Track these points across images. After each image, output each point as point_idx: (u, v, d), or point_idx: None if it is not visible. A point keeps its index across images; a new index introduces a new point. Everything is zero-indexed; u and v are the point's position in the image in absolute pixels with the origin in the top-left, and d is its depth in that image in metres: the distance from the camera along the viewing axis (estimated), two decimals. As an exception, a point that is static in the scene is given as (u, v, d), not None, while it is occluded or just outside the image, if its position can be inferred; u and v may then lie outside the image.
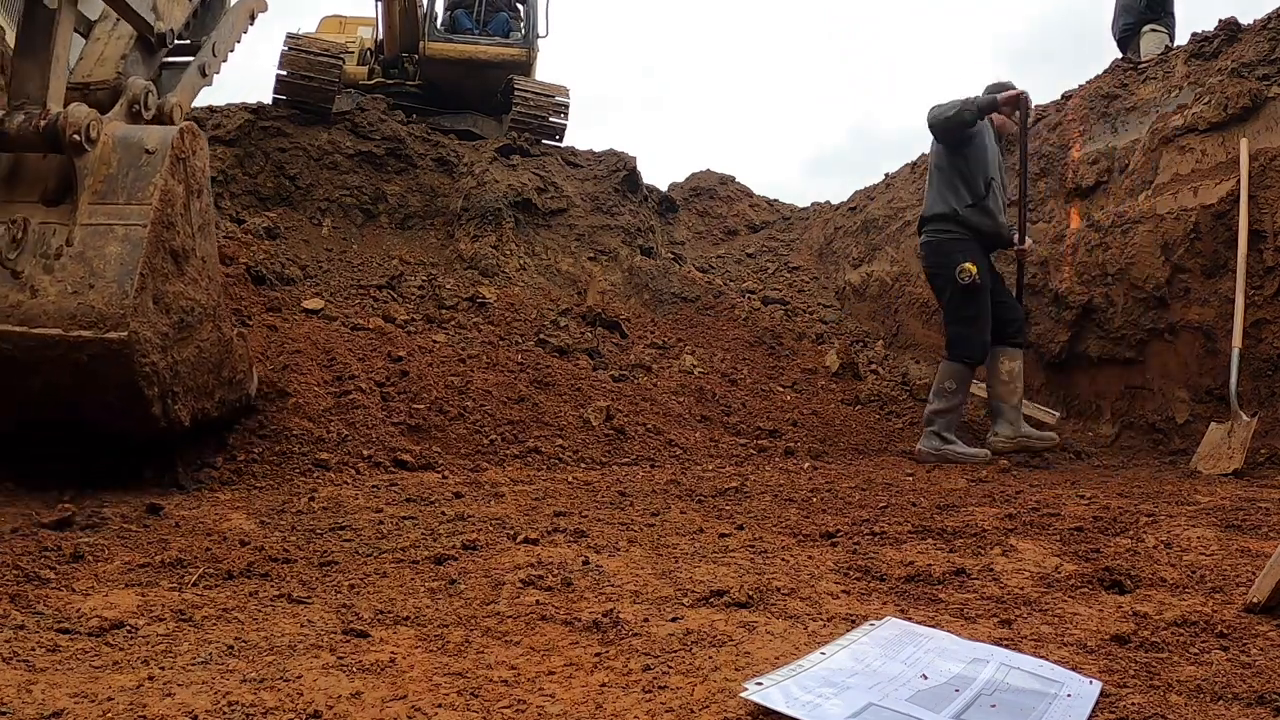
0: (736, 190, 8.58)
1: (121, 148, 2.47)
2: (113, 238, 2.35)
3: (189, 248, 2.59)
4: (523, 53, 7.63)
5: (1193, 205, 4.20)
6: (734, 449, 4.17)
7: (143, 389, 2.36)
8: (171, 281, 2.50)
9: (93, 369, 2.30)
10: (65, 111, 2.35)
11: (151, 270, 2.39)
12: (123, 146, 2.47)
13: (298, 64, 6.38)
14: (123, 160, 2.44)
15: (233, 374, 2.87)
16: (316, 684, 1.24)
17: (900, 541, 2.26)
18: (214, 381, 2.77)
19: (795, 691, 1.20)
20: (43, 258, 2.32)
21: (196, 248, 2.64)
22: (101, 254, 2.33)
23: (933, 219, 4.42)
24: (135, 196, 2.40)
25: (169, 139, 2.51)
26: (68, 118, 2.34)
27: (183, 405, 2.57)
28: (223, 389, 2.82)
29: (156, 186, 2.42)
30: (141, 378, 2.35)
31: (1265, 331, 3.88)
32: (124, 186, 2.42)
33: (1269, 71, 4.10)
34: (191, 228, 2.61)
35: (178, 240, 2.52)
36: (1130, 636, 1.49)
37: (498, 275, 5.98)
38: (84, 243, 2.34)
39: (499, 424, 3.82)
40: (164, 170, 2.44)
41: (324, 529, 2.29)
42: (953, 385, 4.28)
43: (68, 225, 2.36)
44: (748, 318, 6.17)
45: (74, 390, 2.35)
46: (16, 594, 1.60)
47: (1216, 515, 2.48)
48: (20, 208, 2.39)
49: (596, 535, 2.29)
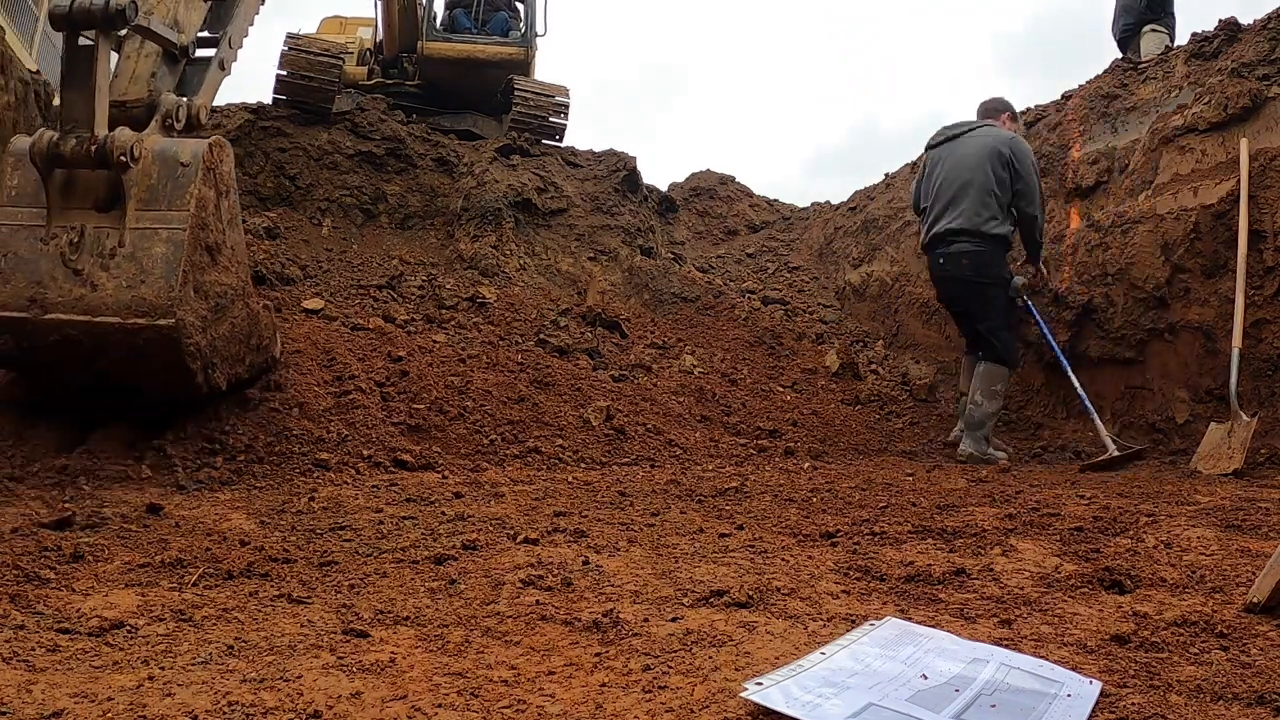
0: (736, 190, 8.58)
1: (160, 161, 2.84)
2: (158, 240, 2.76)
3: (221, 241, 3.00)
4: (521, 51, 7.62)
5: (1193, 205, 4.20)
6: (734, 449, 4.17)
7: (188, 364, 2.80)
8: (208, 272, 2.92)
9: (147, 350, 2.74)
10: (112, 136, 2.73)
11: (191, 265, 2.79)
12: (161, 160, 2.84)
13: (298, 64, 6.37)
14: (162, 172, 2.83)
15: (259, 340, 3.31)
16: (316, 684, 1.24)
17: (900, 541, 2.26)
18: (244, 349, 3.19)
19: (795, 691, 1.20)
20: (99, 257, 2.72)
21: (227, 240, 3.04)
22: (149, 254, 2.74)
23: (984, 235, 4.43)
24: (175, 204, 2.81)
25: (200, 152, 2.90)
26: (114, 141, 2.72)
27: (220, 373, 3.01)
28: (252, 354, 3.25)
29: (192, 195, 2.81)
30: (187, 355, 2.78)
31: (1265, 331, 3.88)
32: (165, 195, 2.81)
33: (1269, 71, 4.10)
34: (222, 223, 3.02)
35: (211, 237, 2.93)
36: (1130, 636, 1.49)
37: (498, 275, 5.98)
38: (134, 244, 2.74)
39: (499, 424, 3.82)
40: (198, 180, 2.84)
41: (324, 529, 2.29)
42: (1001, 388, 4.43)
43: (119, 229, 2.75)
44: (748, 318, 6.18)
45: (132, 366, 2.80)
46: (16, 594, 1.60)
47: (1216, 515, 2.48)
48: (76, 215, 2.77)
49: (596, 535, 2.29)
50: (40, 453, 2.91)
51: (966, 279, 4.51)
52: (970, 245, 4.44)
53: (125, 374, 2.84)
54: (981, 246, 4.43)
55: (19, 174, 2.79)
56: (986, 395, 4.37)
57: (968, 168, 4.47)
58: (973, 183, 4.43)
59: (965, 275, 4.49)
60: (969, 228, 4.43)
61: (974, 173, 4.44)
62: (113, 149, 2.70)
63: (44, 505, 2.41)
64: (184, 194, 2.81)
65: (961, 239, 4.47)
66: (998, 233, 4.43)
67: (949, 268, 4.53)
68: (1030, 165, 4.46)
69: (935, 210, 4.60)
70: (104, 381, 2.89)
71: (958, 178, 4.49)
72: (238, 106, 6.61)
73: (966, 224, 4.44)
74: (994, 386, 4.39)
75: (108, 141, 2.71)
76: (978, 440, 4.32)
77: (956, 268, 4.50)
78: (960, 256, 4.47)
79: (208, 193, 2.90)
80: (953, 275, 4.54)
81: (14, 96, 4.76)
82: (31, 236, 2.73)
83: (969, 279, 4.50)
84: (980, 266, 4.44)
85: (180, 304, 2.72)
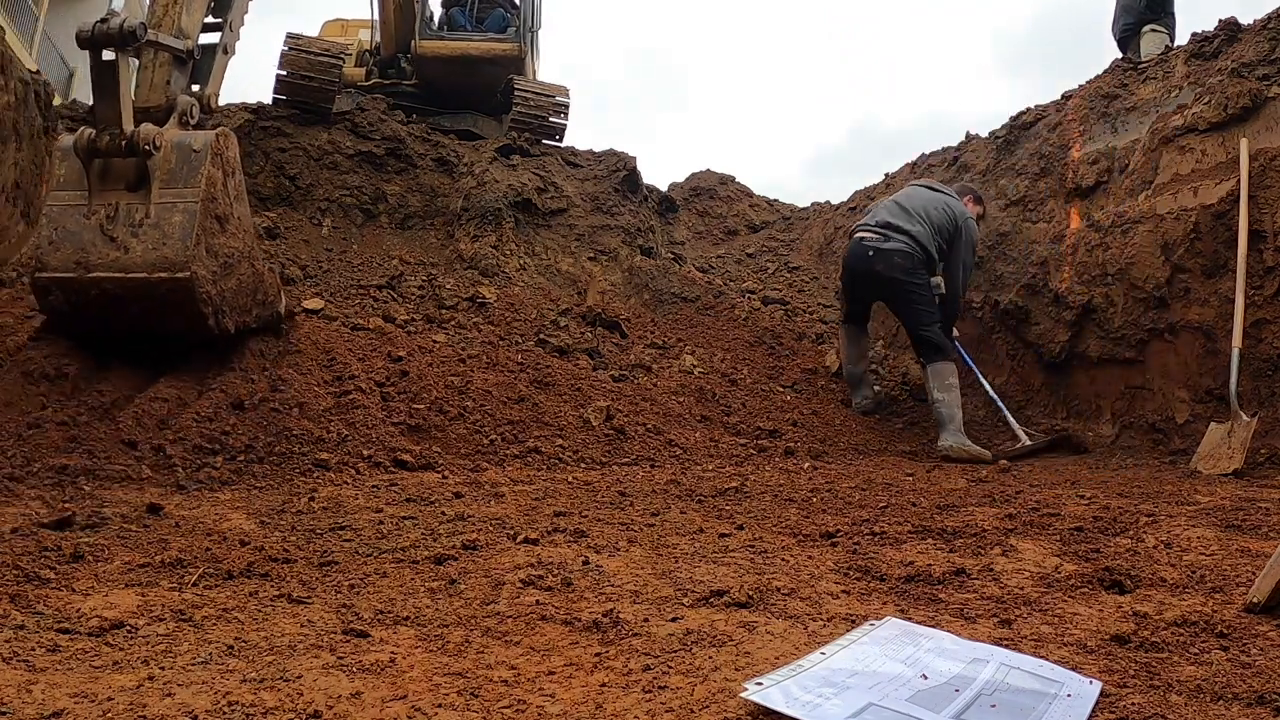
0: (736, 190, 8.58)
1: (177, 149, 3.44)
2: (176, 211, 3.36)
3: (228, 213, 3.57)
4: (514, 47, 7.61)
5: (1193, 205, 4.20)
6: (734, 449, 4.17)
7: (201, 309, 3.37)
8: (217, 237, 3.49)
9: (169, 298, 3.32)
10: (138, 130, 3.34)
11: (203, 230, 3.37)
12: (178, 148, 3.44)
13: (298, 64, 6.37)
14: (179, 157, 3.43)
15: (264, 297, 3.82)
16: (316, 684, 1.24)
17: (900, 541, 2.26)
18: (251, 303, 3.71)
19: (795, 691, 1.20)
20: (130, 226, 3.33)
21: (234, 212, 3.62)
22: (170, 222, 3.34)
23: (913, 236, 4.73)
24: (189, 182, 3.40)
25: (209, 141, 3.47)
26: (140, 134, 3.32)
27: (229, 320, 3.55)
28: (258, 308, 3.78)
29: (203, 175, 3.40)
30: (200, 302, 3.35)
31: (1265, 331, 3.88)
32: (181, 176, 3.41)
33: (1269, 71, 4.10)
34: (229, 198, 3.59)
35: (220, 209, 3.50)
36: (1130, 636, 1.49)
37: (498, 275, 5.98)
38: (157, 215, 3.35)
39: (499, 424, 3.82)
40: (208, 163, 3.42)
41: (324, 529, 2.29)
42: (954, 380, 4.59)
43: (145, 204, 3.36)
44: (748, 318, 6.17)
45: (157, 312, 3.37)
46: (16, 594, 1.60)
47: (1216, 515, 2.48)
48: (111, 194, 3.38)
49: (596, 535, 2.29)
50: (40, 453, 2.91)
51: (894, 278, 4.73)
52: (907, 247, 4.70)
53: (152, 320, 3.41)
54: (915, 251, 4.71)
55: (65, 165, 3.43)
56: (944, 390, 4.53)
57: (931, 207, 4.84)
58: (929, 219, 4.79)
59: (894, 275, 4.72)
60: (913, 233, 4.72)
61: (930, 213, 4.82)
62: (139, 141, 3.32)
63: (44, 505, 2.41)
64: (197, 174, 3.40)
65: (902, 239, 4.72)
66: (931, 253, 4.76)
67: (878, 262, 4.75)
68: (967, 247, 4.86)
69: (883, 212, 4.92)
70: (135, 327, 3.44)
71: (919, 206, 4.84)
72: (238, 106, 6.61)
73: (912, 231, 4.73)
74: (946, 380, 4.57)
75: (135, 135, 3.31)
76: (954, 433, 4.39)
77: (887, 264, 4.72)
78: (894, 254, 4.70)
79: (216, 173, 3.48)
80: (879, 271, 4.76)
81: (14, 96, 4.76)
82: (76, 214, 3.37)
83: (897, 278, 4.72)
84: (911, 269, 4.69)
85: (194, 260, 3.31)
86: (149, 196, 3.36)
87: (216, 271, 3.45)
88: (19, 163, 4.89)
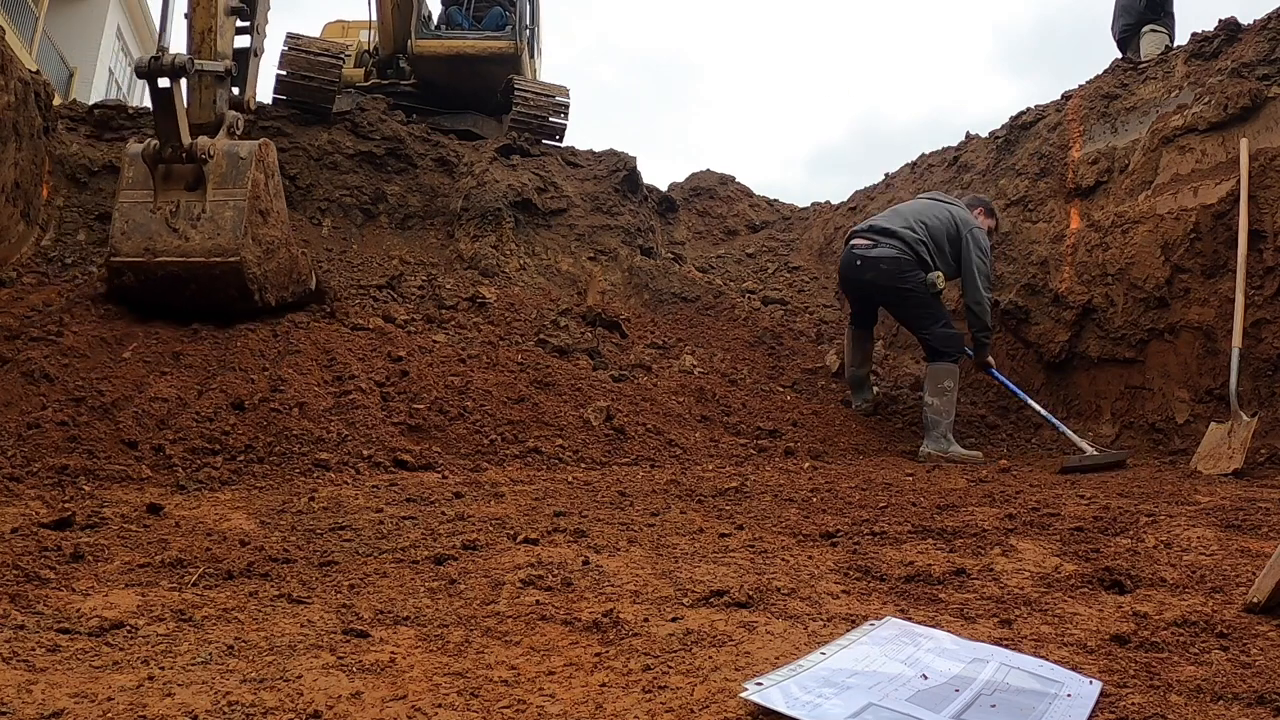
0: (736, 190, 8.58)
1: (227, 157, 4.17)
2: (228, 207, 4.08)
3: (269, 207, 4.31)
4: (510, 45, 7.60)
5: (1193, 205, 4.21)
6: (734, 449, 4.17)
7: (249, 287, 4.10)
8: (261, 228, 4.20)
9: (223, 278, 4.05)
10: (195, 142, 4.04)
11: (250, 223, 4.09)
12: (228, 156, 4.18)
13: (298, 64, 6.38)
14: (228, 164, 4.15)
15: (300, 275, 4.58)
16: (316, 684, 1.24)
17: (900, 541, 2.26)
18: (288, 280, 4.46)
19: (795, 691, 1.20)
20: (189, 220, 4.06)
21: (274, 207, 4.38)
22: (222, 216, 4.07)
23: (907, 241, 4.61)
24: (238, 184, 4.12)
25: (253, 150, 4.22)
26: (197, 145, 4.03)
27: (271, 295, 4.28)
28: (294, 285, 4.53)
29: (249, 178, 4.13)
30: (248, 280, 4.09)
31: (1265, 331, 3.88)
32: (231, 179, 4.13)
33: (1269, 71, 4.10)
34: (270, 196, 4.33)
35: (262, 205, 4.23)
36: (1130, 636, 1.49)
37: (498, 275, 5.98)
38: (212, 211, 4.07)
39: (499, 424, 3.82)
40: (253, 168, 4.17)
41: (324, 529, 2.29)
42: (950, 384, 4.46)
43: (202, 201, 4.08)
44: (748, 318, 6.17)
45: (212, 290, 4.08)
46: (16, 594, 1.60)
47: (1216, 515, 2.48)
48: (174, 194, 4.10)
49: (596, 535, 2.29)
50: (40, 453, 2.91)
51: (885, 284, 4.63)
52: (894, 251, 4.57)
53: (208, 296, 4.09)
54: (905, 254, 4.56)
55: (133, 167, 4.14)
56: (936, 394, 4.43)
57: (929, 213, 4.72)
58: (923, 224, 4.65)
59: (883, 281, 4.62)
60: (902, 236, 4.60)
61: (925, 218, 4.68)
62: (197, 151, 4.03)
63: (44, 505, 2.42)
64: (244, 177, 4.11)
65: (889, 243, 4.61)
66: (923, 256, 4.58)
67: (865, 270, 4.65)
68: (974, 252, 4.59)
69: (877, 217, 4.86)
70: (193, 302, 4.10)
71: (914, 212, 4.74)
72: (238, 106, 6.60)
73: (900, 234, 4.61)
74: (941, 384, 4.44)
75: (193, 146, 4.01)
76: (937, 440, 4.33)
77: (875, 271, 4.61)
78: (880, 260, 4.59)
79: (259, 176, 4.20)
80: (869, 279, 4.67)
81: (14, 96, 4.76)
82: (143, 209, 4.07)
83: (887, 285, 4.62)
84: (899, 273, 4.56)
85: (243, 248, 4.03)
86: (205, 195, 4.08)
87: (260, 256, 4.19)
88: (19, 163, 4.89)
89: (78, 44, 18.52)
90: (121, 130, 6.05)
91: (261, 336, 4.06)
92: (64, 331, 3.79)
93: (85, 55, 18.85)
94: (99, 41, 19.59)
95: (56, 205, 5.49)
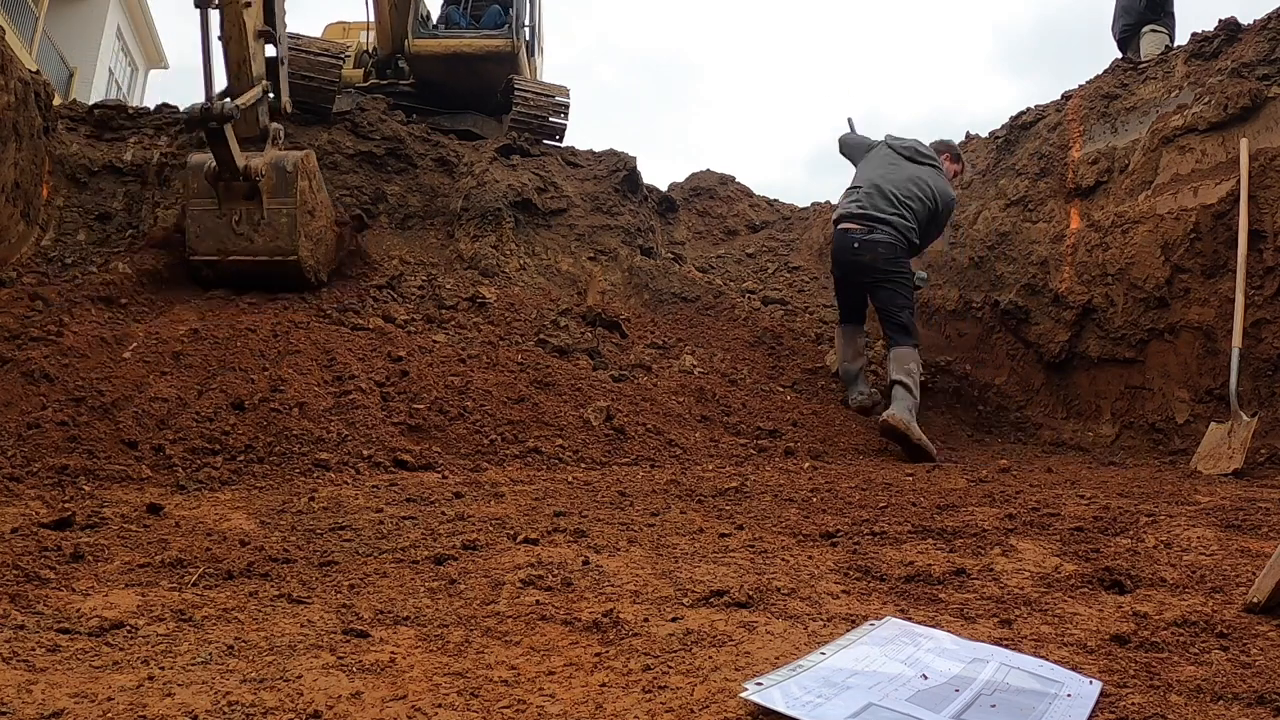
0: (736, 190, 8.57)
1: (275, 170, 4.88)
2: (282, 215, 4.88)
3: (314, 205, 5.12)
4: (507, 44, 7.60)
5: (1193, 205, 4.21)
6: (734, 449, 4.17)
7: (305, 275, 5.01)
8: (310, 224, 5.04)
9: (284, 272, 4.95)
10: (248, 166, 4.67)
11: (302, 224, 4.91)
12: (276, 169, 4.88)
13: (298, 64, 6.36)
14: (277, 177, 4.87)
15: (343, 245, 5.59)
16: (316, 684, 1.24)
17: (900, 541, 2.26)
18: (332, 256, 5.43)
19: (795, 691, 1.20)
20: (251, 225, 4.85)
21: (318, 201, 5.22)
22: (279, 222, 4.87)
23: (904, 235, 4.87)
24: (288, 194, 4.89)
25: (298, 161, 4.95)
26: (250, 169, 4.69)
27: (323, 272, 5.25)
28: (339, 254, 5.53)
29: (297, 188, 4.90)
30: (305, 270, 4.99)
31: (1265, 331, 3.88)
32: (281, 189, 4.88)
33: (1269, 71, 4.10)
34: (314, 195, 5.14)
35: (309, 205, 5.03)
36: (1130, 636, 1.49)
37: (498, 275, 5.98)
38: (270, 217, 4.86)
39: (499, 424, 3.82)
40: (298, 178, 4.91)
41: (324, 529, 2.29)
42: (915, 368, 4.68)
43: (259, 210, 4.83)
44: (748, 318, 6.17)
45: (276, 279, 4.96)
46: (16, 594, 1.60)
47: (1216, 515, 2.48)
48: (234, 204, 4.83)
49: (596, 535, 2.29)
50: (40, 453, 2.91)
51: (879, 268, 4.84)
52: (890, 238, 4.82)
53: (273, 282, 4.95)
54: (899, 242, 4.84)
55: (196, 180, 4.83)
56: (902, 373, 4.61)
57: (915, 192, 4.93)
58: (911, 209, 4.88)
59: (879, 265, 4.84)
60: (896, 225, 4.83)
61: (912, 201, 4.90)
62: (251, 174, 4.70)
63: (44, 505, 2.42)
64: (293, 187, 4.88)
65: (885, 230, 4.83)
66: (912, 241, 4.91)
67: (863, 253, 4.88)
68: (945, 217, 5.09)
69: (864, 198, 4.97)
70: (258, 287, 4.92)
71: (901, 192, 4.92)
72: (238, 106, 6.60)
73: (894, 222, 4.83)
74: (907, 365, 4.64)
75: (246, 170, 4.66)
76: (905, 409, 4.42)
77: (871, 253, 4.84)
78: (878, 245, 4.82)
79: (304, 184, 4.96)
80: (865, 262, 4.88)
81: (14, 96, 4.76)
82: (212, 215, 4.84)
83: (880, 267, 4.84)
84: (894, 258, 4.83)
85: (300, 248, 4.90)
86: (262, 205, 4.83)
87: (311, 248, 5.05)
88: (19, 163, 4.89)
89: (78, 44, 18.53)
90: (121, 130, 6.05)
91: (261, 336, 4.06)
92: (64, 331, 3.79)
93: (85, 55, 18.87)
94: (99, 41, 19.60)
95: (56, 205, 5.49)
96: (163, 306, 4.67)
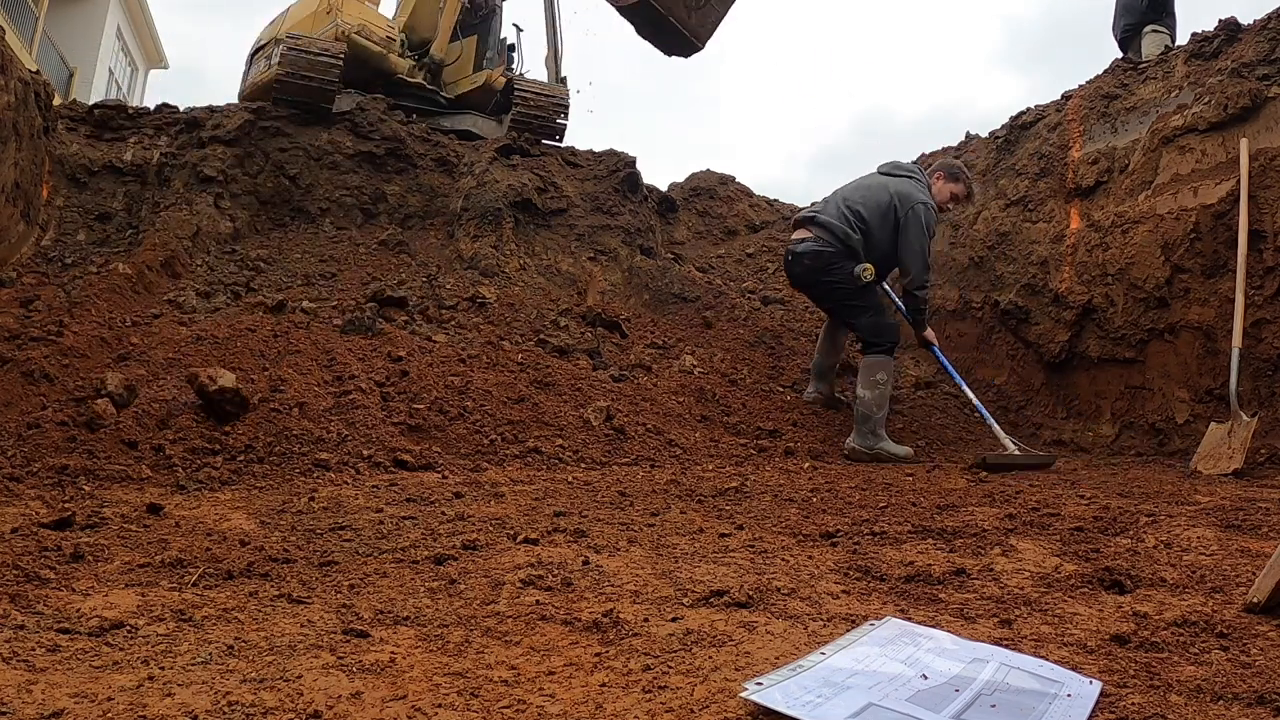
0: (736, 190, 8.57)
1: None
2: None
3: None
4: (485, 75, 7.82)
5: (1193, 205, 4.20)
6: (734, 449, 4.17)
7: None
8: None
9: None
10: None
11: None
12: None
13: (298, 64, 6.37)
14: None
15: None
16: (316, 684, 1.24)
17: (900, 541, 2.26)
18: None
19: (795, 691, 1.20)
20: None
21: None
22: None
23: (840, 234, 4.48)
24: None
25: None
26: None
27: None
28: None
29: None
30: None
31: (1265, 331, 3.88)
32: None
33: (1269, 71, 4.10)
34: None
35: None
36: (1130, 636, 1.49)
37: (498, 275, 5.98)
38: None
39: (499, 424, 3.82)
40: None
41: (324, 529, 2.29)
42: (883, 377, 4.35)
43: None
44: (748, 318, 6.17)
45: None
46: (16, 594, 1.60)
47: (1216, 515, 2.48)
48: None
49: (596, 535, 2.29)
50: (40, 453, 2.91)
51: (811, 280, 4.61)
52: (815, 245, 4.50)
53: None
54: (829, 246, 4.47)
55: None
56: (867, 386, 4.30)
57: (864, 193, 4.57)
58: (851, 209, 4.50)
59: (809, 277, 4.59)
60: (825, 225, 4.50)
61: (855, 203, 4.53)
62: None
63: (44, 505, 2.42)
64: None
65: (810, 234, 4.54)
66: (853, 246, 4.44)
67: (795, 265, 4.63)
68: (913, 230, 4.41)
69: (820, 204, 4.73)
70: None
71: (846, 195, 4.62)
72: (238, 106, 6.60)
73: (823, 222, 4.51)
74: (874, 377, 4.32)
75: None
76: (864, 435, 4.23)
77: (801, 267, 4.58)
78: (804, 255, 4.54)
79: None
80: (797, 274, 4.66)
81: (14, 96, 4.76)
82: None
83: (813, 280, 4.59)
84: (821, 266, 4.49)
85: None
86: None
87: None
88: (19, 163, 4.89)
89: (78, 44, 18.53)
90: (121, 130, 6.05)
91: (261, 336, 4.06)
92: (64, 331, 3.79)
93: (85, 55, 18.86)
94: (99, 41, 19.60)
95: (56, 205, 5.49)
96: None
